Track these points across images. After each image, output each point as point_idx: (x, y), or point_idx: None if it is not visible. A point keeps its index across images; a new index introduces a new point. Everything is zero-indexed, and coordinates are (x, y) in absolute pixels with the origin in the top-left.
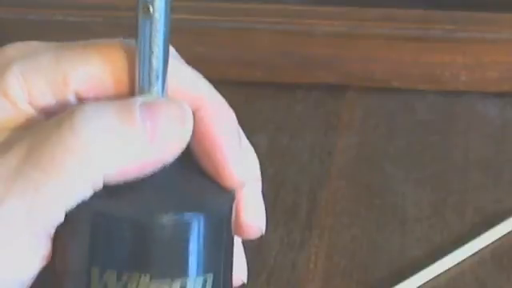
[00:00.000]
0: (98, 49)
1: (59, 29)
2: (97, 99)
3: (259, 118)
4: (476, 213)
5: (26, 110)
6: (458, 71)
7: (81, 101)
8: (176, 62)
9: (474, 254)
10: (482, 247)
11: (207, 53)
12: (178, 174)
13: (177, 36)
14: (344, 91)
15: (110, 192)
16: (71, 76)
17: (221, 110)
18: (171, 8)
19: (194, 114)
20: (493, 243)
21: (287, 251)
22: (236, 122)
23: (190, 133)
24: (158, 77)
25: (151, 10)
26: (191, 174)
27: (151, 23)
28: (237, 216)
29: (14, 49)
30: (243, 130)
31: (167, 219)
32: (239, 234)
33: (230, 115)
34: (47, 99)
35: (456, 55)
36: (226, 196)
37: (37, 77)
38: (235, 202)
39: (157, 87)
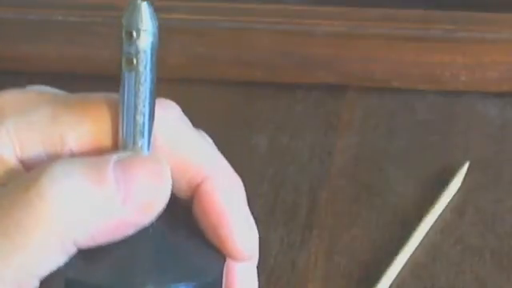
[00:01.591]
0: (96, 107)
1: (59, 29)
2: (88, 156)
3: (259, 118)
4: (476, 213)
5: (16, 168)
6: (457, 71)
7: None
8: (180, 129)
9: (473, 254)
10: (481, 247)
11: (207, 53)
12: (162, 237)
13: (177, 36)
14: (344, 91)
15: (85, 257)
16: (68, 136)
17: (227, 182)
18: (156, 60)
19: (198, 185)
20: (493, 243)
21: (287, 251)
22: (243, 190)
23: (169, 192)
24: (142, 132)
25: (135, 62)
26: (177, 236)
27: (135, 76)
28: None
29: (7, 100)
30: (243, 130)
31: None
32: None
33: (236, 186)
34: (41, 157)
35: (456, 55)
36: (216, 261)
37: (31, 135)
38: (226, 264)
39: (141, 143)
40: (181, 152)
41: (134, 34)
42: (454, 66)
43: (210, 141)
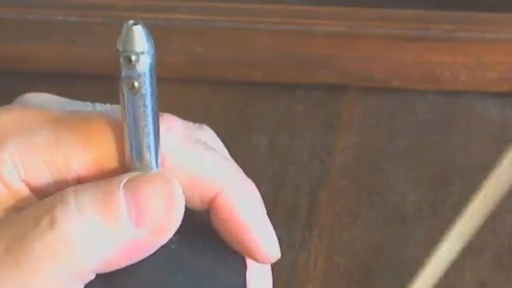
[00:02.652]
0: (99, 129)
1: (59, 29)
2: (94, 178)
3: (259, 118)
4: None
5: (20, 190)
6: (458, 71)
7: (78, 181)
8: (186, 145)
9: (473, 254)
10: (481, 247)
11: (207, 53)
12: (182, 250)
13: (177, 36)
14: (344, 91)
15: (105, 281)
16: (73, 161)
17: (241, 189)
18: (156, 80)
19: (213, 199)
20: (493, 243)
21: (287, 251)
22: (256, 193)
23: (183, 209)
24: (149, 151)
25: (136, 86)
26: (196, 248)
27: (138, 99)
28: None
29: (8, 121)
30: (243, 130)
31: None
32: None
33: (250, 191)
34: (45, 180)
35: (456, 55)
36: (239, 269)
37: (35, 158)
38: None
39: (148, 162)
40: (190, 169)
41: (133, 58)
42: (454, 65)
43: (214, 136)
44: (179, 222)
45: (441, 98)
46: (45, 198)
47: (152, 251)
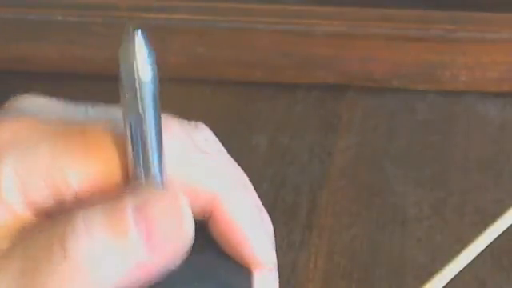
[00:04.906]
0: (97, 143)
1: (59, 29)
2: (93, 196)
3: (259, 118)
4: (476, 213)
5: (23, 214)
6: (458, 71)
7: (78, 200)
8: (185, 155)
9: (472, 253)
10: (481, 247)
11: (207, 53)
12: (189, 262)
13: (177, 36)
14: (344, 91)
15: None
16: (72, 179)
17: (240, 204)
18: (160, 100)
19: (211, 210)
20: (493, 243)
21: (287, 251)
22: (258, 202)
23: (192, 228)
24: (154, 168)
25: (141, 110)
26: (202, 258)
27: (142, 122)
28: None
29: (5, 134)
30: (243, 130)
31: None
32: None
33: (250, 204)
34: (47, 200)
35: (456, 55)
36: (245, 277)
37: (33, 176)
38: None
39: (154, 179)
40: (190, 181)
41: (137, 85)
42: (454, 65)
43: (210, 134)
44: (189, 243)
45: (441, 98)
46: (45, 215)
47: (161, 273)
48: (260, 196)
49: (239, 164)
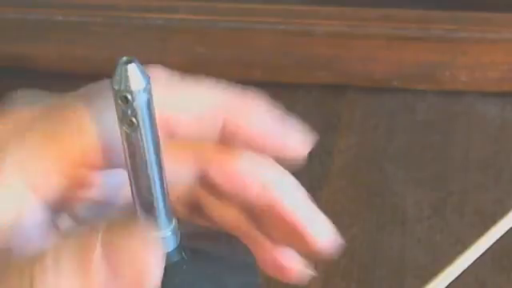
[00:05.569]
0: (79, 118)
1: (59, 29)
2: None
3: None
4: (476, 213)
5: (25, 195)
6: (458, 71)
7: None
8: (177, 84)
9: (473, 254)
10: (482, 249)
11: (207, 53)
12: (196, 268)
13: (177, 36)
14: (344, 91)
15: None
16: (66, 154)
17: (247, 107)
18: (154, 113)
19: (224, 126)
20: (493, 244)
21: None
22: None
23: (162, 263)
24: (155, 187)
25: (135, 123)
26: (208, 263)
27: (139, 135)
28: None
29: (4, 126)
30: None
31: None
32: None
33: (255, 103)
34: (48, 180)
35: (456, 55)
36: (253, 276)
37: (35, 159)
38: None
39: (155, 196)
40: (187, 106)
41: (130, 97)
42: (454, 65)
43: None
44: (159, 279)
45: (441, 98)
46: (49, 201)
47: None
48: None
49: None
